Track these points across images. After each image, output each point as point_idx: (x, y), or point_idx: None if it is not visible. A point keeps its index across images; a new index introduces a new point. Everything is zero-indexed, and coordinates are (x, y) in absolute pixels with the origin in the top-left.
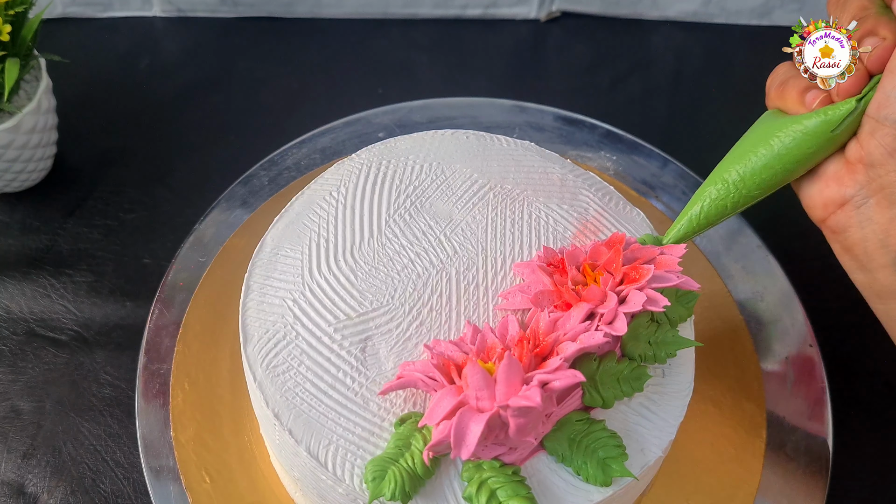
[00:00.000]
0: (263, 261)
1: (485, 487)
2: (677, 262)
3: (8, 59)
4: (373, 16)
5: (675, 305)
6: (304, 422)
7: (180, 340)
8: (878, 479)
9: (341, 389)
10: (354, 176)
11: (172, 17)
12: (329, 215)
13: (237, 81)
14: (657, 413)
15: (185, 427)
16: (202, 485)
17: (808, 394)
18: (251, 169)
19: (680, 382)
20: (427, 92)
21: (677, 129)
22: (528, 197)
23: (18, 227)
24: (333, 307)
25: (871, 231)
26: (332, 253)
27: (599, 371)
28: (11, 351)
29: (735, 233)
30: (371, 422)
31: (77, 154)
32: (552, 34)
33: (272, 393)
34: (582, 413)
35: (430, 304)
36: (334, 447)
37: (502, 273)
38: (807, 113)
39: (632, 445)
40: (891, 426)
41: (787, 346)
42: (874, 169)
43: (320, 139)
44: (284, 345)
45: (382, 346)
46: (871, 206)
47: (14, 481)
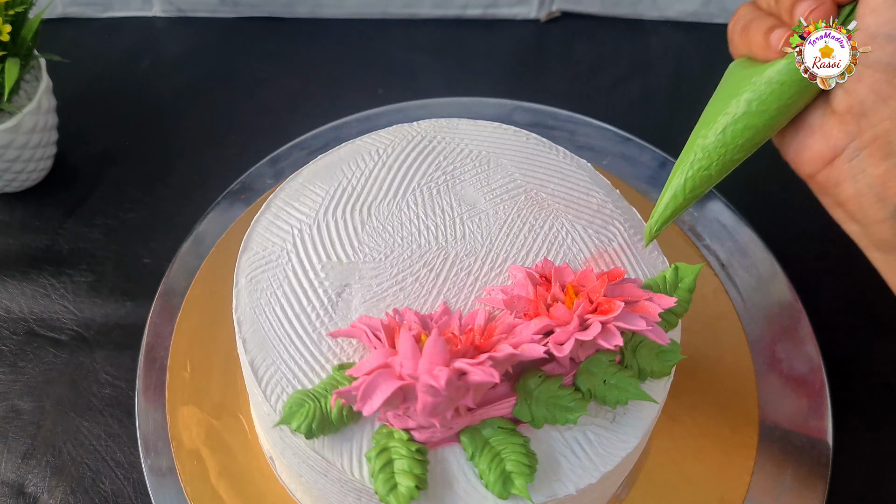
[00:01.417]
0: (292, 189)
1: (386, 453)
2: (658, 311)
3: (8, 59)
4: (373, 16)
5: (652, 359)
6: (260, 338)
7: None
8: (878, 479)
9: (304, 321)
10: (406, 140)
11: (173, 17)
12: (366, 168)
13: (237, 81)
14: (588, 454)
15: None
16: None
17: (807, 394)
18: (251, 169)
19: (626, 435)
20: (427, 92)
21: (677, 130)
22: (557, 210)
23: (18, 227)
24: (330, 248)
25: (866, 185)
26: (353, 201)
27: (539, 389)
28: (11, 351)
29: (733, 230)
30: (316, 360)
31: (77, 154)
32: (552, 34)
33: (244, 302)
34: (509, 423)
35: (417, 276)
36: (274, 369)
37: (498, 270)
38: (776, 59)
39: (547, 473)
40: (890, 427)
41: (787, 346)
42: (865, 118)
43: (320, 139)
44: (274, 265)
45: (357, 296)
46: (863, 158)
47: (14, 481)
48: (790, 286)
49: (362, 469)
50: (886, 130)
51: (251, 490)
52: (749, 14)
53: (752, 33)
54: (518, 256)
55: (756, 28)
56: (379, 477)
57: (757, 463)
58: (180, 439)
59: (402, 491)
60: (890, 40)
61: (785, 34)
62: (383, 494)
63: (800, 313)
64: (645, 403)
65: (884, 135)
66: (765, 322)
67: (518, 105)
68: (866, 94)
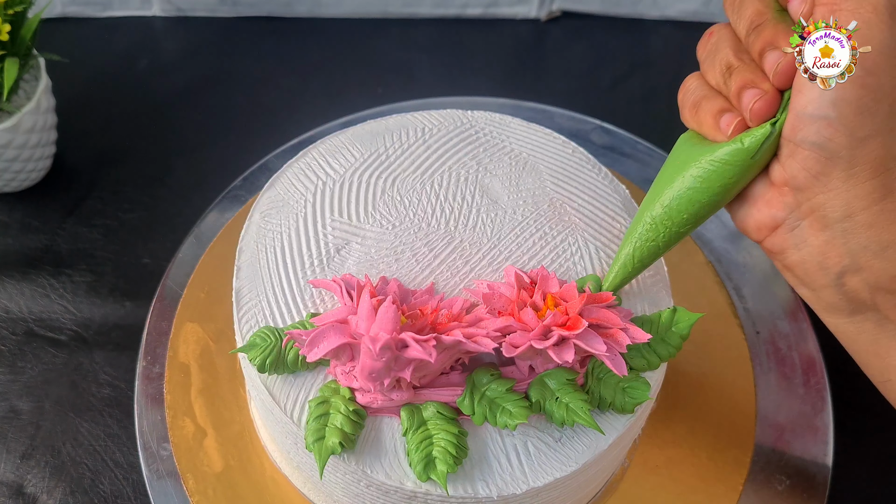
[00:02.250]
0: (331, 145)
1: (325, 405)
2: (626, 343)
3: (7, 58)
4: (372, 15)
5: (615, 390)
6: (253, 270)
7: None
8: (878, 479)
9: (297, 266)
10: (454, 125)
11: (172, 17)
12: (406, 142)
13: (237, 81)
14: (522, 464)
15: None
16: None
17: (808, 394)
18: (251, 168)
19: (566, 458)
20: (427, 92)
21: (677, 129)
22: (575, 226)
23: (17, 227)
24: (345, 206)
25: (808, 253)
26: (382, 169)
27: (487, 386)
28: (10, 351)
29: (736, 235)
30: (296, 304)
31: (76, 154)
32: (552, 34)
33: (251, 234)
34: (451, 411)
35: (416, 252)
36: (255, 301)
37: (495, 267)
38: (722, 142)
39: (474, 470)
40: (891, 427)
41: (788, 345)
42: (801, 192)
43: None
44: (289, 209)
45: (353, 257)
46: (804, 228)
47: (13, 482)
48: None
49: (302, 415)
50: (821, 204)
51: (224, 414)
52: (699, 91)
53: (703, 114)
54: (520, 259)
55: (706, 109)
56: (311, 425)
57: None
58: (176, 350)
59: (327, 444)
60: (813, 120)
61: (734, 119)
62: (308, 442)
63: (800, 312)
64: (598, 435)
65: (819, 208)
66: (765, 321)
67: (598, 125)
68: (798, 171)
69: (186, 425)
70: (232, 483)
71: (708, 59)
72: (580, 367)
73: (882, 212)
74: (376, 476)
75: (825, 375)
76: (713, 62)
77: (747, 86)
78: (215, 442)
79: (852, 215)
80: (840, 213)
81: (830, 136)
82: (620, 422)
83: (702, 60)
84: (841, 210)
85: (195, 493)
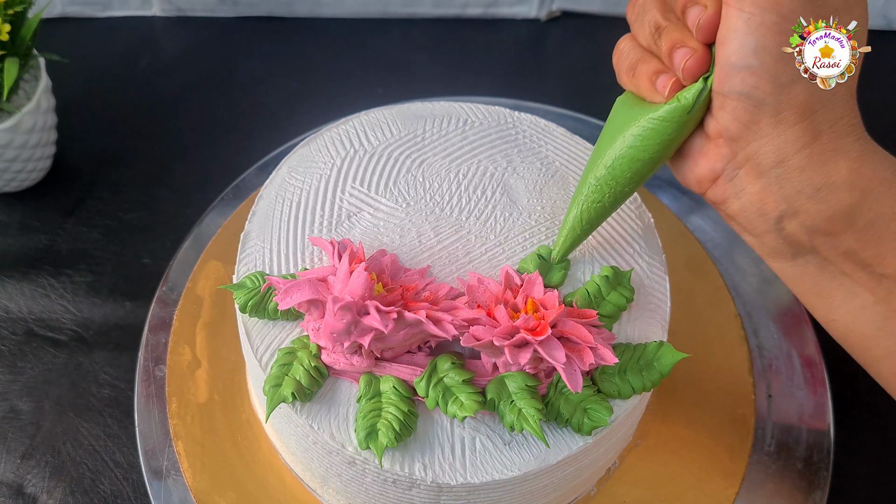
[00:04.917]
0: (372, 118)
1: (290, 356)
2: (590, 361)
3: (7, 58)
4: (372, 15)
5: (575, 409)
6: (265, 218)
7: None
8: (878, 478)
9: (307, 222)
10: (497, 122)
11: (172, 17)
12: (445, 130)
13: (237, 81)
14: (465, 458)
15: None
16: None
17: (808, 393)
18: (250, 169)
19: (510, 463)
20: (427, 92)
21: None
22: (587, 243)
23: (17, 227)
24: (368, 177)
25: (748, 201)
26: (413, 150)
27: (446, 372)
28: (10, 351)
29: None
30: (295, 257)
31: (76, 154)
32: (552, 34)
33: (274, 185)
34: (408, 389)
35: (420, 236)
36: (259, 247)
37: (494, 263)
38: (659, 102)
39: (416, 451)
40: (891, 426)
41: (788, 344)
42: (735, 142)
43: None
44: (316, 168)
45: (360, 225)
46: (741, 177)
47: (13, 482)
48: None
49: (270, 361)
50: (754, 152)
51: (221, 350)
52: (632, 53)
53: (639, 77)
54: (521, 261)
55: (642, 72)
56: (273, 371)
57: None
58: (196, 281)
59: (282, 393)
60: (738, 70)
61: (669, 80)
62: (266, 388)
63: (801, 311)
64: (548, 450)
65: (753, 156)
66: (765, 320)
67: (598, 125)
68: (730, 121)
69: (185, 352)
70: (210, 415)
71: (637, 20)
72: (545, 377)
73: (812, 155)
74: (321, 434)
75: (825, 375)
76: (642, 23)
77: (677, 45)
78: (206, 374)
79: (784, 160)
80: (773, 160)
81: (755, 84)
82: (575, 440)
83: (631, 22)
84: (773, 156)
85: (175, 417)
